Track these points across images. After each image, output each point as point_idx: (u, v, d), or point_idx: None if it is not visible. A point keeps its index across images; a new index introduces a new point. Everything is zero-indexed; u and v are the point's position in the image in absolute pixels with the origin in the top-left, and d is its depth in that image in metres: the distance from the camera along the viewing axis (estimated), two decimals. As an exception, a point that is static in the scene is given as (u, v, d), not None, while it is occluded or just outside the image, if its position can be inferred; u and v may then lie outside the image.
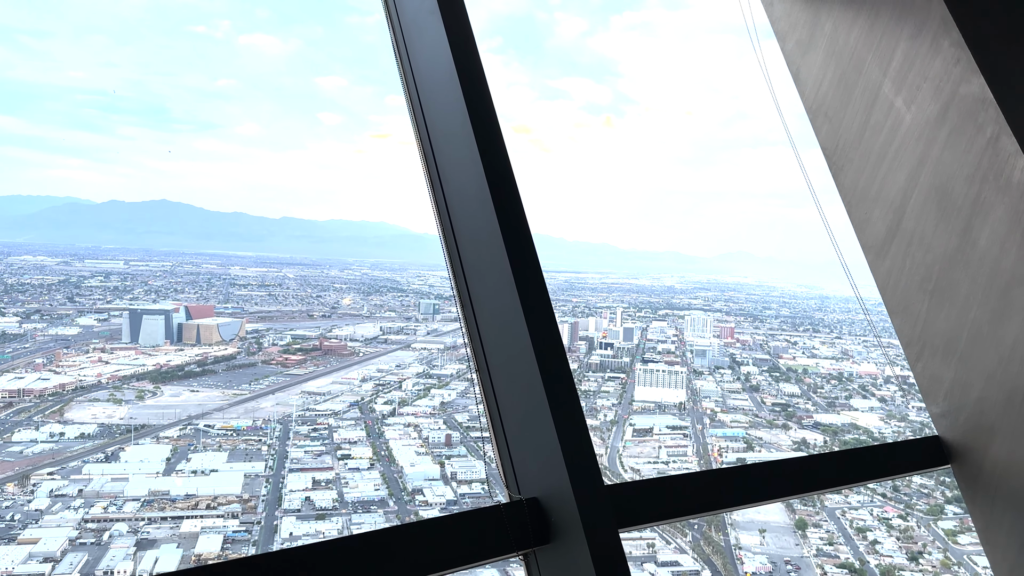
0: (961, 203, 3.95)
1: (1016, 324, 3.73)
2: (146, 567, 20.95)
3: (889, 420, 28.86)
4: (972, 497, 4.00)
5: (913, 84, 4.17)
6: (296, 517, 23.49)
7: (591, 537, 2.67)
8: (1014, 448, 3.77)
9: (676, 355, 34.55)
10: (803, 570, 22.94)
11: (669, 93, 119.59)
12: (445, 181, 3.38)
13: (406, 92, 3.51)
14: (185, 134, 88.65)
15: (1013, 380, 3.75)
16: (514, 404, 3.07)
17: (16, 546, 20.85)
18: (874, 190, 4.39)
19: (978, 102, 3.84)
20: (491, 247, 3.09)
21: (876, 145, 4.37)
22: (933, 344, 4.14)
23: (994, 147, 3.78)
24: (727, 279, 53.41)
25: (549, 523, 2.85)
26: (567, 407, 2.86)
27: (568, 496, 2.74)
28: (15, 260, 37.79)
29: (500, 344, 3.13)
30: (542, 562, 2.87)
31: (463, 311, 3.30)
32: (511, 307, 2.99)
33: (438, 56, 3.32)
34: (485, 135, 3.17)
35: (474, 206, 3.20)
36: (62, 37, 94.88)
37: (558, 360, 2.92)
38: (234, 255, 48.50)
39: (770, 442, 28.79)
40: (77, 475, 23.97)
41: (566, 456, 2.77)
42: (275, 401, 29.70)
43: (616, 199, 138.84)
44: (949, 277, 4.02)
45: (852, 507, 24.61)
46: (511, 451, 3.05)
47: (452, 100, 3.25)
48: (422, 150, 3.47)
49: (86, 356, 30.84)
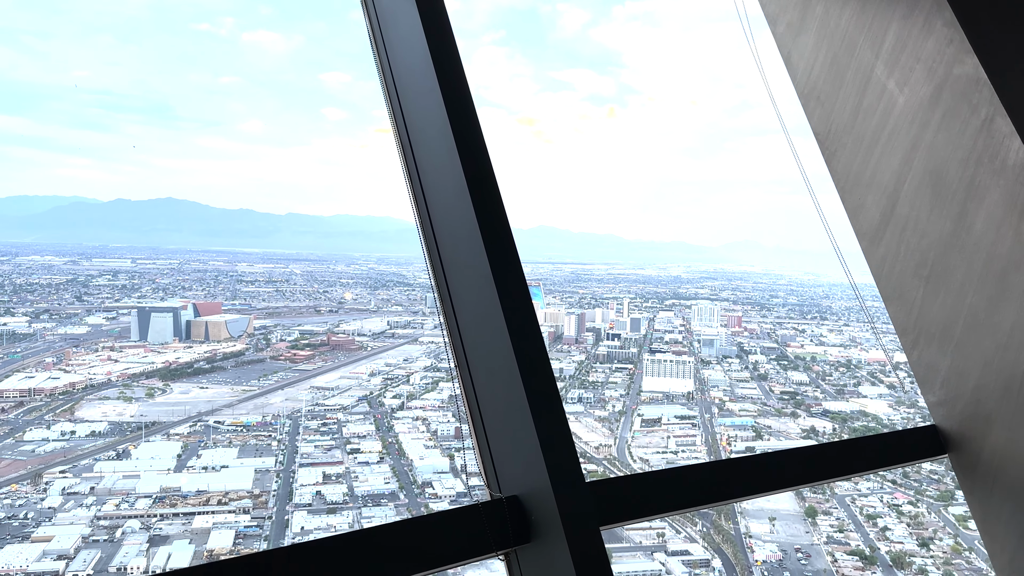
0: (956, 187, 3.85)
1: (1013, 310, 3.64)
2: (159, 563, 21.06)
3: (898, 407, 28.72)
4: (970, 487, 3.92)
5: (906, 66, 4.07)
6: (307, 511, 23.60)
7: (571, 535, 2.62)
8: (1012, 437, 3.69)
9: (683, 345, 34.46)
10: (813, 557, 22.89)
11: (673, 83, 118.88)
12: (423, 172, 3.32)
13: (382, 81, 3.45)
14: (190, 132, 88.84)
15: (1010, 367, 3.66)
16: (494, 401, 3.01)
17: (30, 544, 21.00)
18: (867, 175, 4.30)
19: (972, 83, 3.74)
20: (469, 240, 3.02)
21: (869, 129, 4.27)
22: (929, 332, 4.06)
23: (988, 129, 3.68)
24: (734, 268, 53.17)
25: (530, 522, 2.80)
26: (547, 403, 2.80)
27: (548, 494, 2.68)
28: (23, 260, 37.99)
29: (479, 340, 3.07)
30: (523, 562, 2.82)
31: (443, 306, 3.24)
32: (490, 302, 2.93)
33: (413, 45, 3.25)
34: (462, 126, 3.10)
35: (452, 199, 3.13)
36: (66, 37, 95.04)
37: (538, 356, 2.86)
38: (241, 252, 48.62)
39: (779, 430, 28.70)
40: (89, 473, 24.12)
41: (545, 453, 2.71)
42: (284, 396, 29.80)
43: (621, 190, 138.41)
44: (944, 263, 3.94)
45: (862, 494, 24.53)
46: (491, 448, 2.99)
47: (428, 89, 3.18)
48: (400, 142, 3.40)
49: (95, 355, 30.99)
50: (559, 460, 2.74)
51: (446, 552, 2.68)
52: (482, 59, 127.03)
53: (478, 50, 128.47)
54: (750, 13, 4.97)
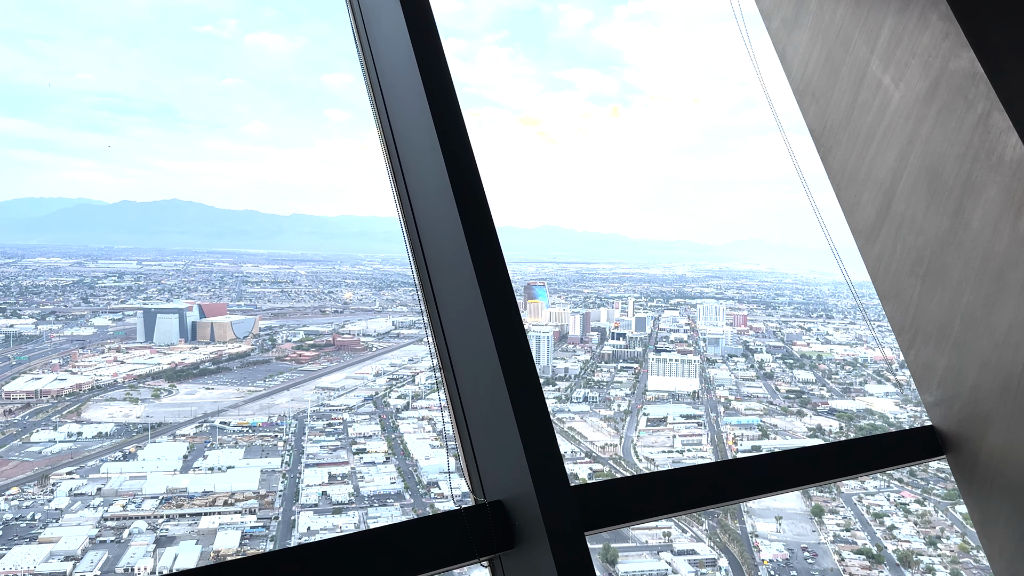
0: (952, 183, 3.78)
1: (1010, 308, 3.57)
2: (166, 564, 21.10)
3: (905, 405, 28.57)
4: (968, 489, 3.84)
5: (901, 60, 4.01)
6: (313, 511, 23.63)
7: (555, 541, 2.56)
8: (1010, 437, 3.62)
9: (689, 344, 34.36)
10: (820, 556, 22.78)
11: (675, 82, 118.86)
12: (407, 171, 3.27)
13: (366, 79, 3.40)
14: (194, 134, 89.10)
15: (1008, 367, 3.59)
16: (478, 404, 2.96)
17: (37, 545, 21.07)
18: (863, 172, 4.23)
19: (968, 77, 3.67)
20: (453, 241, 2.97)
21: (864, 125, 4.20)
22: (926, 331, 3.99)
23: (985, 124, 3.61)
24: (739, 267, 53.03)
25: (513, 527, 2.75)
26: (531, 406, 2.75)
27: (531, 499, 2.63)
28: (29, 262, 38.14)
29: (464, 342, 3.02)
30: (507, 568, 2.77)
31: (427, 307, 3.19)
32: (473, 303, 2.88)
33: (397, 42, 3.21)
34: (446, 124, 3.05)
35: (436, 199, 3.08)
36: (71, 41, 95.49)
37: (522, 358, 2.81)
38: (246, 253, 48.73)
39: (785, 429, 28.59)
40: (96, 474, 24.19)
41: (529, 457, 2.66)
42: (290, 397, 29.83)
43: (625, 189, 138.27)
44: (941, 261, 3.87)
45: (869, 492, 24.42)
46: (476, 453, 2.94)
47: (411, 87, 3.14)
48: (384, 140, 3.36)
49: (102, 356, 31.08)
50: (543, 464, 2.69)
51: (427, 559, 2.63)
52: (485, 59, 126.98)
53: (480, 50, 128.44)
54: (746, 10, 4.92)
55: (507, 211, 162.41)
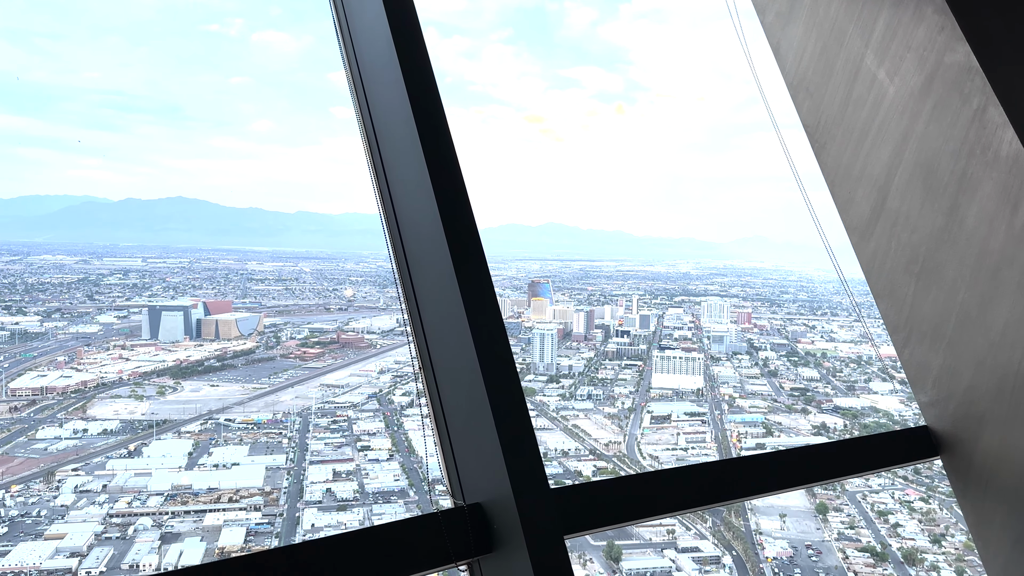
0: (947, 180, 3.71)
1: (1006, 307, 3.50)
2: (171, 560, 21.17)
3: (910, 403, 28.41)
4: (962, 490, 3.77)
5: (896, 54, 3.93)
6: (318, 508, 23.67)
7: (532, 545, 2.51)
8: (1005, 438, 3.55)
9: (693, 341, 34.29)
10: (824, 554, 22.70)
11: (681, 79, 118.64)
12: (388, 168, 3.22)
13: (347, 72, 3.35)
14: (200, 132, 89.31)
15: (1003, 367, 3.52)
16: (457, 404, 2.91)
17: (43, 542, 21.15)
18: (857, 168, 4.16)
19: (963, 71, 3.60)
20: (433, 239, 2.92)
21: (859, 120, 4.13)
22: (920, 329, 3.92)
23: (980, 119, 3.54)
24: (743, 264, 52.89)
25: (491, 531, 2.70)
26: (510, 407, 2.70)
27: (510, 502, 2.58)
28: (35, 260, 38.26)
29: (443, 341, 2.97)
30: (486, 571, 2.72)
31: (407, 305, 3.14)
32: (452, 302, 2.82)
33: (378, 36, 3.15)
34: (426, 122, 2.99)
35: (416, 197, 3.03)
36: (78, 39, 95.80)
37: (501, 358, 2.76)
38: (251, 250, 48.82)
39: (789, 427, 28.50)
40: (101, 471, 24.28)
41: (507, 459, 2.60)
42: (294, 394, 29.88)
43: (630, 186, 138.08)
44: (936, 258, 3.79)
45: (873, 490, 24.32)
46: (455, 454, 2.89)
47: (392, 81, 3.08)
48: (365, 136, 3.30)
49: (107, 353, 31.17)
50: (522, 467, 2.63)
51: (403, 563, 2.59)
52: (490, 57, 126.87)
53: (486, 48, 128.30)
54: (741, 6, 4.85)
55: (512, 208, 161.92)
